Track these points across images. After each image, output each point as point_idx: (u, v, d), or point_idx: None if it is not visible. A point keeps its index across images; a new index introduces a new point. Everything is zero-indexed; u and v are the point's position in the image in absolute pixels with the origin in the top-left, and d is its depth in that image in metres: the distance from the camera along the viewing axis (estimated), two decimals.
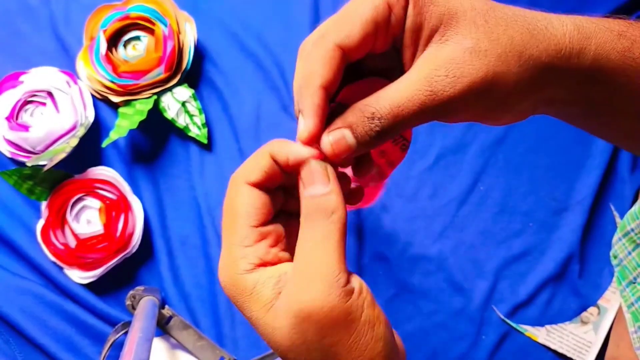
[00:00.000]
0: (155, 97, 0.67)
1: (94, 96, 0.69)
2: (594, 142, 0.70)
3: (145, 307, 0.58)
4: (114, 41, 0.69)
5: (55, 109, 0.65)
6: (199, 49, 0.71)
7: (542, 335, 0.66)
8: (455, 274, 0.67)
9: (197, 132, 0.68)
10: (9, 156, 0.66)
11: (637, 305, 0.54)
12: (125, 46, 0.69)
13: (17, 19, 0.72)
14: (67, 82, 0.67)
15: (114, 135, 0.64)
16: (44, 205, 0.64)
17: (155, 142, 0.70)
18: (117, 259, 0.63)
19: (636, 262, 0.54)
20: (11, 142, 0.65)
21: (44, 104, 0.66)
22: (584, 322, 0.66)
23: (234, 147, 0.70)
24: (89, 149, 0.68)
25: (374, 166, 0.32)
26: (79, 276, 0.64)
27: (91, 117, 0.67)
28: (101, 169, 0.65)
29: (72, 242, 0.63)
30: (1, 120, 0.65)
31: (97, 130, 0.69)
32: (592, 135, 0.35)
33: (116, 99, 0.67)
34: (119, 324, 0.61)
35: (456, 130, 0.71)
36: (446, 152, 0.70)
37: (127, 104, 0.68)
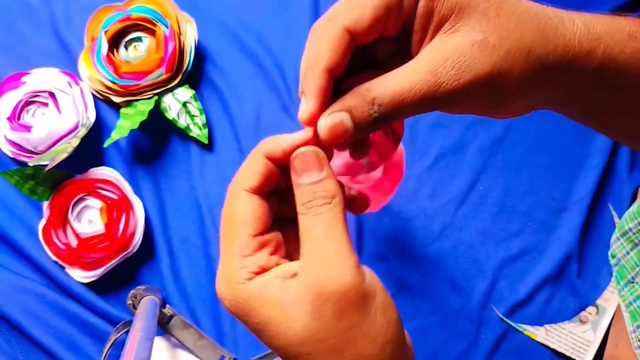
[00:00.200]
0: (156, 97, 0.67)
1: (95, 97, 0.69)
2: (593, 141, 0.70)
3: (146, 306, 0.58)
4: (115, 42, 0.69)
5: (56, 110, 0.66)
6: (199, 50, 0.72)
7: (541, 334, 0.66)
8: (454, 274, 0.67)
9: (198, 132, 0.69)
10: (11, 156, 0.66)
11: (635, 304, 0.54)
12: (126, 47, 0.69)
13: (18, 20, 0.72)
14: (69, 83, 0.67)
15: (115, 135, 0.64)
16: (45, 205, 0.65)
17: (156, 142, 0.70)
18: (119, 258, 0.64)
19: (634, 261, 0.54)
20: (13, 142, 0.65)
21: (46, 105, 0.67)
22: (583, 322, 0.66)
23: (235, 147, 0.70)
24: (91, 149, 0.68)
25: (369, 148, 0.32)
26: (80, 275, 0.64)
27: (92, 118, 0.67)
28: (102, 169, 0.66)
29: (74, 242, 0.63)
30: (3, 120, 0.65)
31: (98, 130, 0.69)
32: (592, 130, 0.35)
33: (117, 100, 0.68)
34: (120, 323, 0.61)
35: (456, 130, 0.71)
36: (446, 152, 0.70)
37: (128, 104, 0.68)
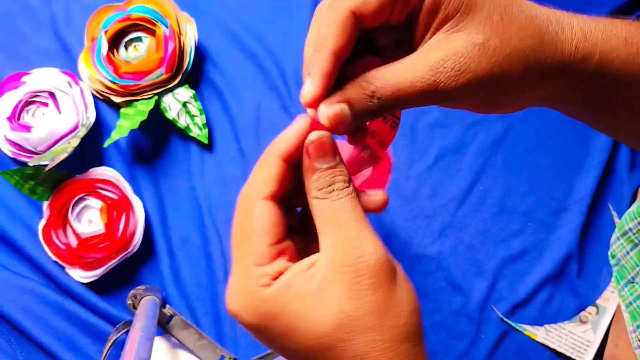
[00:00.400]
0: (156, 97, 0.67)
1: (95, 97, 0.69)
2: (592, 141, 0.70)
3: (146, 306, 0.58)
4: (115, 42, 0.69)
5: (56, 110, 0.66)
6: (199, 50, 0.72)
7: (541, 334, 0.66)
8: (454, 274, 0.67)
9: (198, 132, 0.69)
10: (11, 156, 0.66)
11: (635, 304, 0.54)
12: (126, 47, 0.69)
13: (18, 20, 0.72)
14: (69, 83, 0.67)
15: (115, 135, 0.64)
16: (45, 205, 0.65)
17: (156, 142, 0.70)
18: (118, 258, 0.64)
19: (634, 261, 0.54)
20: (13, 142, 0.65)
21: (46, 105, 0.67)
22: (583, 322, 0.66)
23: (235, 147, 0.70)
24: (91, 149, 0.68)
25: (367, 133, 0.32)
26: (80, 275, 0.64)
27: (92, 118, 0.67)
28: (102, 169, 0.66)
29: (74, 242, 0.63)
30: (3, 120, 0.65)
31: (98, 130, 0.69)
32: (592, 130, 0.36)
33: (117, 100, 0.68)
34: (120, 323, 0.61)
35: (456, 130, 0.71)
36: (446, 152, 0.70)
37: (128, 104, 0.68)
